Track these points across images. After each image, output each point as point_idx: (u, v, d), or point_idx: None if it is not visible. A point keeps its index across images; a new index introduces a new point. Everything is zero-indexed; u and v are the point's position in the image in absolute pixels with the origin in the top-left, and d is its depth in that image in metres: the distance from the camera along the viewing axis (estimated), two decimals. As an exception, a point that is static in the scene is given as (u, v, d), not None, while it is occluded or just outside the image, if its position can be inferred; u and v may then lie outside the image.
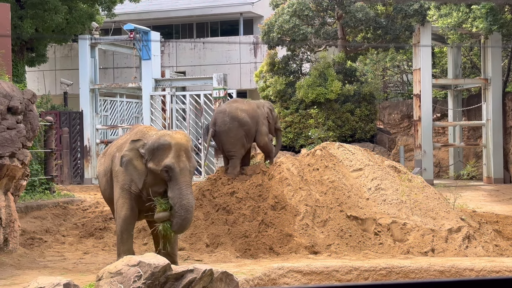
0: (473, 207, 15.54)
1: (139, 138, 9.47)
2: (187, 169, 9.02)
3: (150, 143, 9.19)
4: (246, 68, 28.27)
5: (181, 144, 9.09)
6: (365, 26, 23.63)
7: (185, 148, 9.10)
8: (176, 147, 9.03)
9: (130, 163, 9.25)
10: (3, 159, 10.29)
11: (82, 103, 23.64)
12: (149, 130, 9.71)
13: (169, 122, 22.70)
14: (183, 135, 9.35)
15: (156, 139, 9.20)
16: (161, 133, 9.36)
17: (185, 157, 9.05)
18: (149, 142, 9.22)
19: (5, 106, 10.47)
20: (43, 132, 15.34)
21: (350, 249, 11.48)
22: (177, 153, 9.02)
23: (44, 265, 10.35)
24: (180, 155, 9.02)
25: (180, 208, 8.93)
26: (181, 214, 8.94)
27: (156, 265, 6.90)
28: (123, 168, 9.36)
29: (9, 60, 15.18)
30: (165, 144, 9.07)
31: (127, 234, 9.50)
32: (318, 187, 12.61)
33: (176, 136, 9.19)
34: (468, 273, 9.90)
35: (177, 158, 9.00)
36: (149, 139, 9.28)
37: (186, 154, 9.09)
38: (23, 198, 13.97)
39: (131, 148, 9.31)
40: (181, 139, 9.17)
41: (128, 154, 9.29)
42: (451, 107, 25.76)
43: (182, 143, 9.10)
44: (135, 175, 9.25)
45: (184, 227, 9.07)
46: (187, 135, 9.52)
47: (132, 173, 9.27)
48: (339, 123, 23.14)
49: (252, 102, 14.33)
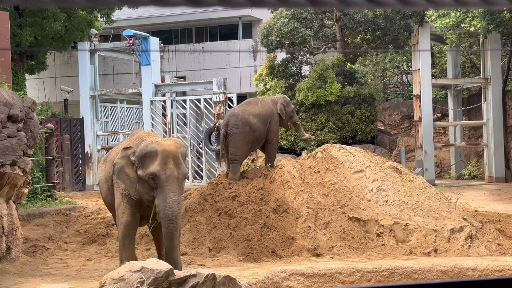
0: (475, 206, 15.52)
1: (131, 145, 9.48)
2: (174, 176, 8.94)
3: (138, 151, 9.18)
4: (246, 71, 28.29)
5: (168, 151, 9.01)
6: (364, 27, 23.64)
7: (173, 155, 9.01)
8: (163, 154, 8.98)
9: (121, 171, 9.27)
10: (4, 167, 10.30)
11: (82, 109, 23.66)
12: (147, 136, 9.70)
13: (169, 127, 22.72)
14: (173, 142, 9.27)
15: (144, 146, 9.18)
16: (150, 140, 9.32)
17: (173, 164, 8.98)
18: (138, 149, 9.22)
19: (5, 114, 10.48)
20: (44, 140, 15.35)
21: (352, 250, 11.47)
22: (163, 160, 8.96)
23: (47, 273, 10.35)
24: (167, 162, 8.96)
25: (163, 217, 8.93)
26: (164, 222, 8.95)
27: (158, 270, 6.91)
28: (115, 176, 9.39)
29: (9, 68, 15.19)
30: (152, 151, 9.05)
31: (129, 240, 9.50)
32: (320, 189, 12.61)
33: (164, 143, 9.14)
34: (471, 273, 9.89)
35: (163, 165, 8.94)
36: (140, 146, 9.28)
37: (174, 161, 9.00)
38: (25, 205, 13.97)
39: (123, 156, 9.33)
40: (170, 146, 9.09)
41: (119, 162, 9.31)
42: (452, 107, 25.76)
43: (169, 150, 9.02)
44: (127, 182, 9.26)
45: (171, 235, 8.99)
46: (178, 142, 9.41)
47: (124, 180, 9.29)
48: (340, 125, 23.14)
49: (267, 100, 14.27)
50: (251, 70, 28.01)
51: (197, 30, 31.57)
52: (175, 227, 8.97)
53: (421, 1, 1.09)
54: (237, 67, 28.38)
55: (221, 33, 31.39)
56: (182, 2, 1.15)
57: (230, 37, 30.56)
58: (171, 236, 8.99)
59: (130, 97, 25.52)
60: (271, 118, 13.76)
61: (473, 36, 23.59)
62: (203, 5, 1.15)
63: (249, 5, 1.15)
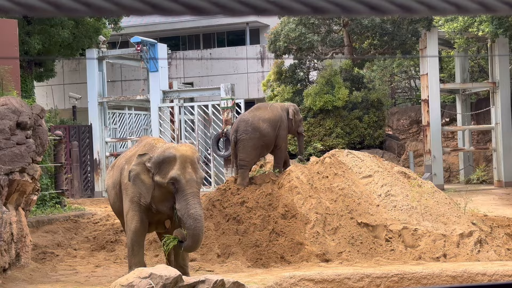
0: (484, 211, 15.47)
1: (146, 151, 9.50)
2: (193, 180, 9.04)
3: (155, 157, 9.22)
4: (254, 77, 28.32)
5: (186, 156, 9.11)
6: (372, 32, 23.64)
7: (190, 159, 9.12)
8: (182, 159, 9.06)
9: (137, 177, 9.29)
10: (13, 175, 10.34)
11: (91, 116, 23.72)
12: (157, 143, 9.75)
13: (178, 134, 22.75)
14: (188, 147, 9.40)
15: (161, 152, 9.24)
16: (166, 146, 9.41)
17: (191, 168, 9.07)
18: (155, 155, 9.26)
19: (14, 121, 10.53)
20: (53, 147, 15.40)
21: (361, 256, 11.45)
22: (182, 164, 9.04)
23: (56, 279, 10.38)
24: (185, 167, 9.04)
25: (188, 218, 8.93)
26: (190, 224, 8.94)
27: (167, 276, 6.92)
28: (131, 183, 9.40)
29: (18, 75, 15.27)
30: (170, 156, 9.10)
31: (138, 246, 9.52)
32: (328, 194, 12.60)
33: (181, 148, 9.23)
34: (481, 278, 9.85)
35: (182, 169, 9.02)
36: (155, 152, 9.33)
37: (192, 165, 9.10)
38: (34, 212, 14.01)
39: (138, 163, 9.35)
40: (187, 151, 9.20)
41: (135, 168, 9.33)
42: (460, 111, 25.70)
43: (187, 155, 9.12)
44: (143, 189, 9.28)
45: (196, 237, 9.00)
46: (193, 148, 9.57)
47: (140, 187, 9.31)
48: (348, 130, 23.12)
49: (276, 105, 14.31)
50: (259, 76, 28.03)
51: (205, 36, 31.64)
52: (201, 227, 9.04)
53: (423, 8, 1.10)
54: (245, 73, 28.42)
55: (229, 39, 31.45)
56: (185, 10, 1.16)
57: (237, 43, 30.61)
58: (197, 237, 9.02)
59: (138, 103, 25.58)
60: (280, 123, 13.77)
61: (481, 40, 23.54)
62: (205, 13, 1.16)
63: (252, 14, 1.16)
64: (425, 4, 1.08)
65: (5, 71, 14.16)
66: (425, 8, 1.07)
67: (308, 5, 1.08)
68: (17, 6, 1.14)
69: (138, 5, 1.08)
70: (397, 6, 1.09)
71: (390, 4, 1.08)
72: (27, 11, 1.13)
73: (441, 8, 1.07)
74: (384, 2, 1.08)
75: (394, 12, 1.06)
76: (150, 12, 1.08)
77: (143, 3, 1.08)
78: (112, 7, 1.12)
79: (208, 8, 1.11)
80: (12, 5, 1.14)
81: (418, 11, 1.06)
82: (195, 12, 1.06)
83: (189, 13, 1.05)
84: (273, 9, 1.04)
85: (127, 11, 1.04)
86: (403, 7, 1.08)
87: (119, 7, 1.12)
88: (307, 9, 1.06)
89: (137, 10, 1.07)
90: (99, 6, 1.13)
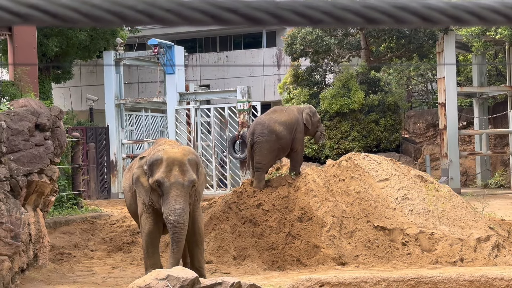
0: (502, 215, 15.38)
1: (148, 154, 9.60)
2: (179, 183, 8.97)
3: (148, 159, 9.29)
4: (270, 80, 28.34)
5: (174, 158, 9.07)
6: (388, 36, 23.60)
7: (178, 162, 9.06)
8: (168, 162, 9.05)
9: (138, 180, 9.41)
10: (32, 176, 10.43)
11: (108, 118, 23.84)
12: (165, 144, 9.77)
13: (194, 136, 22.81)
14: (180, 150, 9.32)
15: (152, 154, 9.31)
16: (158, 149, 9.43)
17: (178, 171, 9.01)
18: (148, 158, 9.33)
19: (33, 123, 10.62)
20: (70, 148, 15.50)
21: (377, 259, 11.43)
22: (168, 167, 9.03)
23: (73, 280, 10.44)
24: (171, 170, 9.02)
25: (168, 223, 9.01)
26: (169, 229, 9.03)
27: (184, 278, 6.95)
28: (134, 186, 9.52)
29: (36, 77, 15.40)
30: (157, 159, 9.14)
31: (153, 248, 9.55)
32: (345, 198, 12.59)
33: (170, 151, 9.20)
34: (498, 283, 9.81)
35: (168, 172, 9.01)
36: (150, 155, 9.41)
37: (180, 168, 9.03)
38: (52, 213, 14.10)
39: (139, 166, 9.49)
40: (176, 153, 9.15)
41: (136, 171, 9.47)
42: (477, 115, 25.59)
43: (175, 158, 9.08)
44: (142, 191, 9.37)
45: (174, 243, 9.05)
46: (187, 150, 9.44)
47: (140, 190, 9.42)
48: (364, 133, 23.08)
49: (292, 108, 14.29)
50: (275, 79, 28.06)
51: (221, 39, 31.71)
52: (179, 234, 9.00)
53: (445, 19, 1.11)
54: (261, 76, 28.45)
55: (245, 41, 31.50)
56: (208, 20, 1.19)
57: (254, 46, 30.65)
58: (174, 242, 9.05)
59: (154, 105, 25.68)
60: (296, 126, 13.77)
61: (498, 44, 23.43)
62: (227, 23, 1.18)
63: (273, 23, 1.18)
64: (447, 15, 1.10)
65: (23, 73, 14.29)
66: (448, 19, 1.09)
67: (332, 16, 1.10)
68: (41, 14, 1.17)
69: (169, 16, 1.10)
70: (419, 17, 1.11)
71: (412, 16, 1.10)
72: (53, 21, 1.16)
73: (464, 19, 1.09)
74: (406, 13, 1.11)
75: (415, 24, 1.07)
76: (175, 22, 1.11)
77: (173, 14, 1.11)
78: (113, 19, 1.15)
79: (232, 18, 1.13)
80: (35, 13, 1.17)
81: (440, 22, 1.08)
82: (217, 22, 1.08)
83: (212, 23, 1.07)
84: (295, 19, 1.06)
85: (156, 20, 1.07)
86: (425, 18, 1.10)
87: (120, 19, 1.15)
88: (331, 20, 1.08)
89: (168, 20, 1.09)
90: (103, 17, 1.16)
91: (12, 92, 13.37)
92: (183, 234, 9.09)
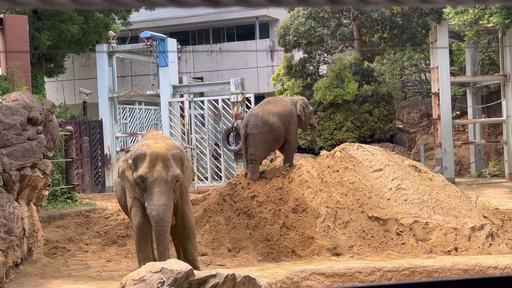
0: (496, 204, 15.41)
1: (131, 149, 9.58)
2: (162, 178, 8.92)
3: (133, 154, 9.25)
4: (263, 72, 28.29)
5: (157, 153, 9.01)
6: (381, 26, 23.56)
7: (162, 157, 9.00)
8: (151, 157, 9.00)
9: (123, 174, 9.38)
10: (25, 170, 10.38)
11: (101, 111, 23.78)
12: (151, 137, 9.71)
13: (188, 128, 22.77)
14: (164, 144, 9.23)
15: (136, 149, 9.26)
16: (142, 143, 9.37)
17: (161, 166, 8.96)
18: (133, 152, 9.29)
19: (25, 117, 10.57)
20: (64, 142, 15.45)
21: (372, 250, 11.44)
22: (151, 162, 8.98)
23: (68, 274, 10.42)
24: (155, 165, 8.96)
25: (151, 220, 8.98)
26: (152, 225, 9.01)
27: (178, 271, 6.93)
28: (120, 180, 9.49)
29: (28, 71, 15.31)
30: (141, 154, 9.09)
31: (144, 241, 9.51)
32: (339, 188, 12.59)
33: (154, 146, 9.14)
34: (492, 271, 9.83)
35: (151, 167, 8.96)
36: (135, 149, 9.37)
37: (164, 163, 8.98)
38: (46, 208, 14.07)
39: (124, 159, 9.47)
40: (160, 148, 9.09)
41: (121, 165, 9.45)
42: (471, 104, 25.60)
43: (159, 153, 9.02)
44: (128, 185, 9.35)
45: (157, 239, 9.04)
46: (171, 144, 9.35)
47: (125, 183, 9.39)
48: (358, 124, 23.07)
49: (286, 100, 14.27)
50: (269, 70, 28.01)
51: (214, 30, 31.62)
52: (162, 231, 8.97)
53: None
54: (255, 67, 28.39)
55: (238, 33, 31.41)
56: (200, 2, 1.16)
57: (247, 37, 30.58)
58: (158, 239, 9.03)
59: (148, 98, 25.62)
60: (290, 117, 13.75)
61: (491, 33, 23.43)
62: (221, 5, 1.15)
63: (267, 5, 1.15)
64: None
65: (16, 67, 14.21)
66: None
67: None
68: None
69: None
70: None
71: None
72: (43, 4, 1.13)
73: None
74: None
75: (411, 3, 1.05)
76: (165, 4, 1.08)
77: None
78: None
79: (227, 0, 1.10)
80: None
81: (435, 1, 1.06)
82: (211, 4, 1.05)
83: (205, 5, 1.04)
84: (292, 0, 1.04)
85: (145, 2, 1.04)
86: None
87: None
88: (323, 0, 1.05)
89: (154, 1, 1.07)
90: None
91: (5, 86, 13.29)
92: (166, 231, 9.05)
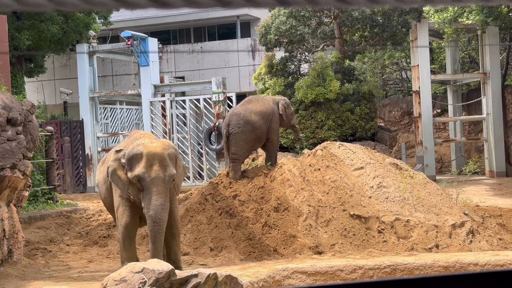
0: (476, 201, 15.53)
1: (124, 147, 9.53)
2: (159, 178, 8.94)
3: (127, 153, 9.22)
4: (245, 70, 28.28)
5: (154, 153, 9.02)
6: (362, 24, 23.64)
7: (159, 157, 9.01)
8: (148, 157, 8.99)
9: (114, 173, 9.33)
10: (4, 171, 10.30)
11: (82, 111, 23.65)
12: (143, 137, 9.70)
13: (169, 128, 22.71)
14: (160, 144, 9.26)
15: (131, 149, 9.23)
16: (137, 143, 9.35)
17: (158, 166, 8.97)
18: (127, 152, 9.26)
19: (4, 117, 10.49)
20: (44, 142, 15.35)
21: (354, 248, 11.48)
22: (149, 162, 8.98)
23: (49, 275, 10.36)
24: (152, 165, 8.97)
25: (148, 219, 8.96)
26: (149, 225, 9.00)
27: (160, 271, 6.91)
28: (109, 178, 9.44)
29: (8, 71, 15.19)
30: (137, 153, 9.07)
31: (129, 241, 9.51)
32: (320, 187, 12.61)
33: (150, 145, 9.14)
34: (473, 268, 9.89)
35: (148, 167, 8.96)
36: (129, 149, 9.33)
37: (160, 163, 9.00)
38: (26, 208, 13.97)
39: (115, 159, 9.41)
40: (156, 148, 9.10)
41: (112, 164, 9.39)
42: (451, 102, 25.75)
43: (155, 152, 9.03)
44: (120, 185, 9.31)
45: (154, 238, 9.03)
46: (166, 144, 9.38)
47: (117, 183, 9.34)
48: (339, 122, 23.13)
49: (268, 98, 14.28)
50: (250, 69, 28.00)
51: (195, 30, 31.57)
52: (159, 230, 8.98)
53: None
54: (236, 67, 28.37)
55: (220, 32, 31.39)
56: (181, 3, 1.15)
57: (228, 37, 30.56)
58: (154, 239, 9.02)
59: (129, 98, 25.52)
60: (272, 116, 13.76)
61: (471, 31, 23.58)
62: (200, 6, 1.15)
63: (247, 5, 1.15)
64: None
65: (-5, 67, 14.09)
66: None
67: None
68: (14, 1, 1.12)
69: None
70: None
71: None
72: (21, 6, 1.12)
73: None
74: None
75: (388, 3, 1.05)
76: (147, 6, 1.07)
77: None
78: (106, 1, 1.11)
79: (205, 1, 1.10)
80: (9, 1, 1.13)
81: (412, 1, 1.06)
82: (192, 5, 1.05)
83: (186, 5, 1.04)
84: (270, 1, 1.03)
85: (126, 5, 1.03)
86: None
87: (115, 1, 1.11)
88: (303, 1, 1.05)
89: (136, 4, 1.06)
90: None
91: (-17, 87, 13.17)
92: (162, 231, 9.07)
